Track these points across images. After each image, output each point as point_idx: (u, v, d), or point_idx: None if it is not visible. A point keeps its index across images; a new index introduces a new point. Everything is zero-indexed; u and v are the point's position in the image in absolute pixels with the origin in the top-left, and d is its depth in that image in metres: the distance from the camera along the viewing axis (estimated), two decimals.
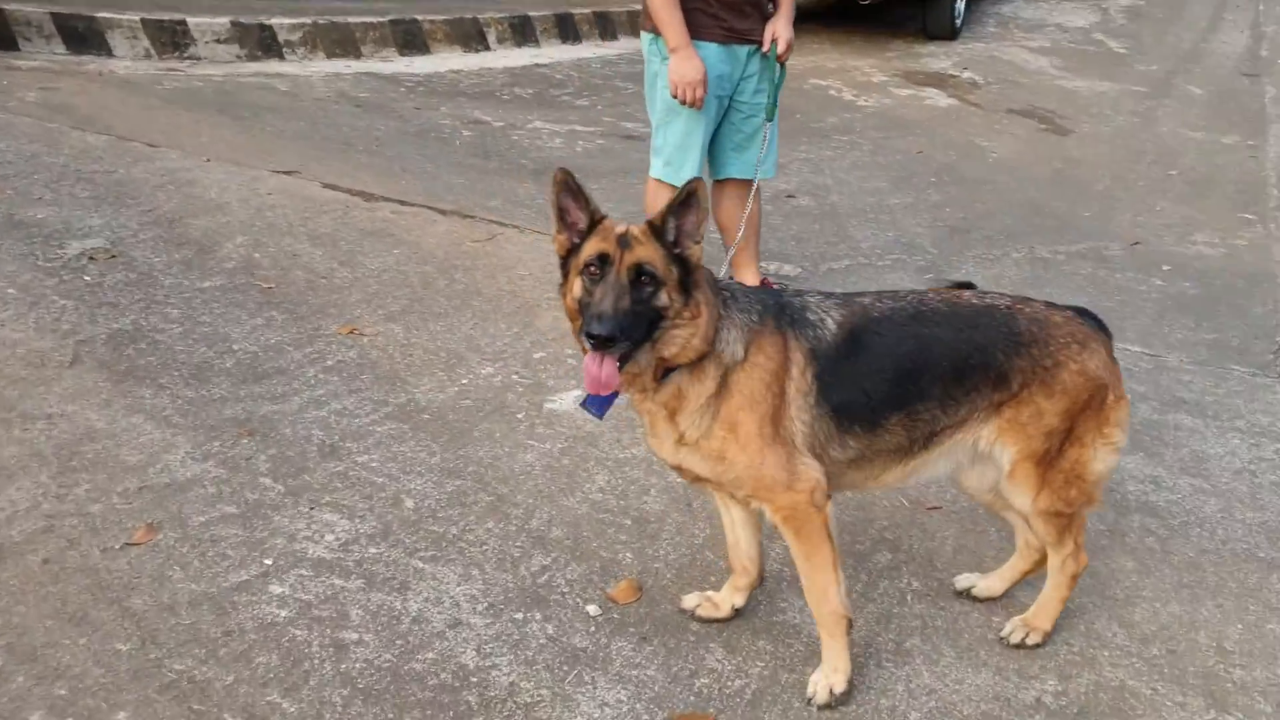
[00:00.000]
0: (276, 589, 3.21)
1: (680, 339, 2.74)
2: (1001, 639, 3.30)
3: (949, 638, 3.32)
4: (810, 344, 2.91)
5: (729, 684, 3.04)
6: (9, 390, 4.03)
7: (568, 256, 2.82)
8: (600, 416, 2.91)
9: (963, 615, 3.42)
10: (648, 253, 2.70)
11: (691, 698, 2.97)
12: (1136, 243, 7.30)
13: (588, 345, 2.64)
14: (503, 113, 8.88)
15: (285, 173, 6.67)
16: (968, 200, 7.86)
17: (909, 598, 3.48)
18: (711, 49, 4.90)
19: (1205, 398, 5.09)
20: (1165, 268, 6.87)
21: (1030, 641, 3.28)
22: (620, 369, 2.71)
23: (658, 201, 5.11)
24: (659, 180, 5.14)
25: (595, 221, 2.79)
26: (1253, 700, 3.18)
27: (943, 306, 3.03)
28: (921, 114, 10.33)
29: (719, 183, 5.29)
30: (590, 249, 2.73)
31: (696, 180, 2.73)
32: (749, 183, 5.27)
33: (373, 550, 3.43)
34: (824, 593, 2.94)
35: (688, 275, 2.75)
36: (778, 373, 2.86)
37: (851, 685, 3.00)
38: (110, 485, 3.58)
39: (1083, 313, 3.12)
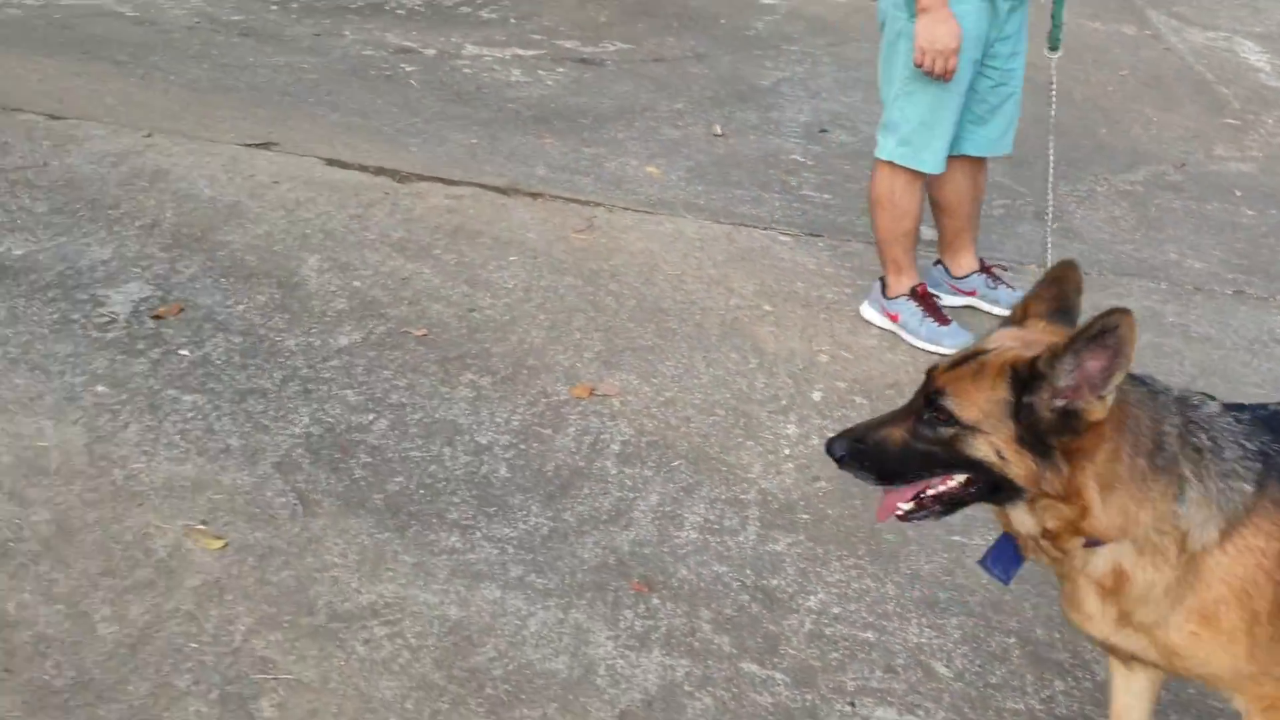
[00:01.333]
0: None
1: (1058, 516, 2.11)
2: None
3: None
4: None
5: None
6: (280, 575, 2.82)
7: None
8: (1005, 581, 2.32)
9: None
10: (956, 385, 2.11)
11: None
12: (1183, 164, 7.20)
13: None
14: (417, 34, 7.53)
15: (259, 145, 5.27)
16: None
17: None
18: (971, 6, 4.09)
19: None
20: (1237, 193, 6.79)
21: None
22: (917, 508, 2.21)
23: (894, 191, 4.34)
24: (892, 164, 4.33)
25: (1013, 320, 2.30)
26: None
27: None
28: (831, 12, 9.81)
29: (949, 158, 4.53)
30: None
31: (1122, 312, 1.97)
32: (982, 160, 4.60)
33: None
34: None
35: (1057, 435, 2.05)
36: None
37: None
38: None
39: None
